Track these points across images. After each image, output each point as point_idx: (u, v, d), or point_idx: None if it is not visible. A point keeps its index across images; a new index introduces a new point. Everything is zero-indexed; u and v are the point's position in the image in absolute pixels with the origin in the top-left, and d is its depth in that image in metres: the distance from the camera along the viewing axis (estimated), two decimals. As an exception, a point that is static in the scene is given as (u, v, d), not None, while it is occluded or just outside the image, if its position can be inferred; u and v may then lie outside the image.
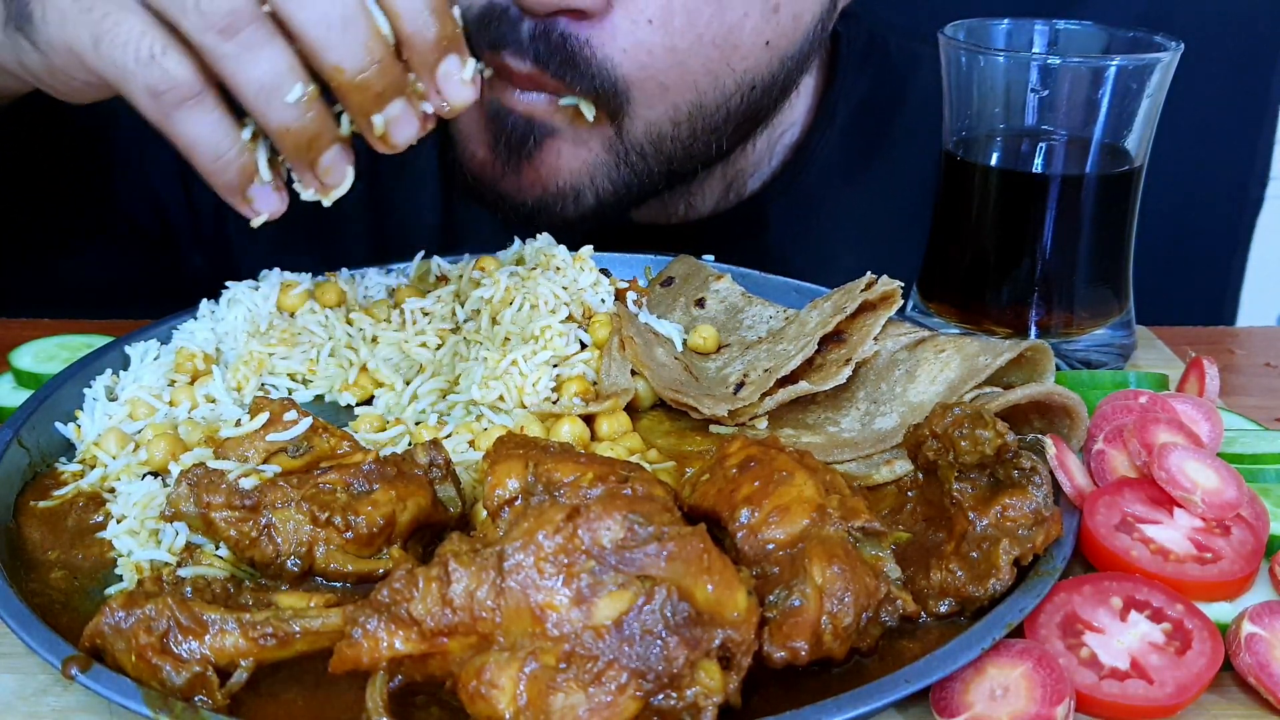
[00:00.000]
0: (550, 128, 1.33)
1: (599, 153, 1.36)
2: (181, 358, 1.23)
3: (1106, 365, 1.37)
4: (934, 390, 1.16)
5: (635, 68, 1.28)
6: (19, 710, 0.89)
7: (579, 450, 0.98)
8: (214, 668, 0.85)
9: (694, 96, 1.34)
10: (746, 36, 1.31)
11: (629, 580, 0.81)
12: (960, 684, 0.88)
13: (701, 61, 1.30)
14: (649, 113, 1.33)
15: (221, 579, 0.92)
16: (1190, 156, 1.77)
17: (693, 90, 1.33)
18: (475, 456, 1.13)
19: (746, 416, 1.19)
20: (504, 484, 0.91)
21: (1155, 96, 1.31)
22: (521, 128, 1.33)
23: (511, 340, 1.24)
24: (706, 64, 1.31)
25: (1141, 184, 1.36)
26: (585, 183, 1.37)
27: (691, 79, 1.31)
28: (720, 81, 1.34)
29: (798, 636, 0.85)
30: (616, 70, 1.28)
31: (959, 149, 1.37)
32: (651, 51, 1.27)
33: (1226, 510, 1.00)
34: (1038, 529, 0.96)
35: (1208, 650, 0.90)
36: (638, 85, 1.30)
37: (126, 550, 1.01)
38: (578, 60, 1.26)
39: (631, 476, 0.90)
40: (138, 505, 1.04)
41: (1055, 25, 1.40)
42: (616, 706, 0.78)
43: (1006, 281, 1.38)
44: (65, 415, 1.17)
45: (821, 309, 1.27)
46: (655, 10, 1.25)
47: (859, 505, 0.95)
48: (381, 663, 0.83)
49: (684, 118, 1.36)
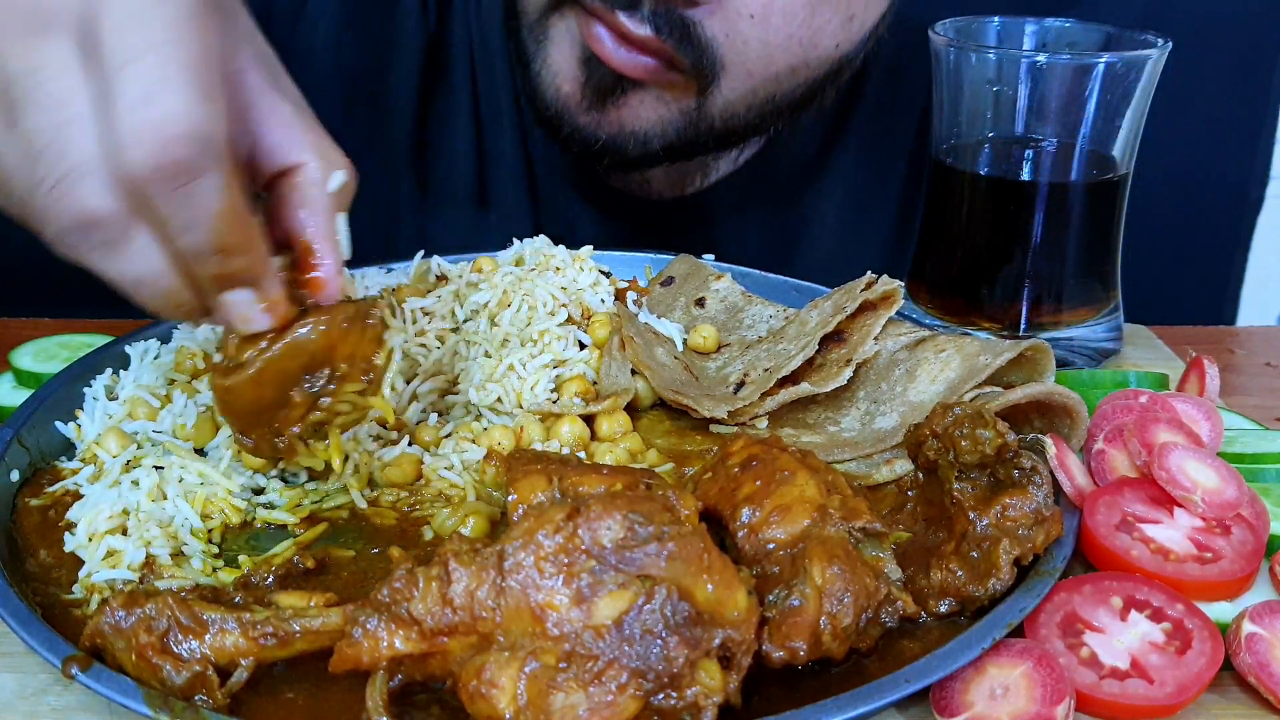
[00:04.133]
0: (640, 82, 1.42)
1: (675, 114, 1.46)
2: (181, 357, 1.22)
3: (1077, 365, 1.38)
4: (934, 390, 1.16)
5: (732, 53, 1.39)
6: (19, 710, 0.89)
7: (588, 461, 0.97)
8: (214, 667, 0.85)
9: (772, 87, 1.45)
10: (825, 40, 1.42)
11: (629, 580, 0.81)
12: (960, 684, 0.88)
13: (786, 58, 1.41)
14: (730, 94, 1.44)
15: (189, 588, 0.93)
16: (1190, 156, 1.78)
17: (773, 82, 1.44)
18: (477, 455, 1.13)
19: (747, 416, 1.19)
20: (529, 500, 0.90)
21: (1143, 96, 1.32)
22: (611, 79, 1.42)
23: (510, 342, 1.25)
24: (789, 60, 1.42)
25: (1128, 190, 1.37)
26: (656, 132, 1.47)
27: (774, 71, 1.42)
28: (795, 76, 1.45)
29: (796, 636, 0.85)
30: (718, 52, 1.38)
31: (948, 155, 1.38)
32: (747, 42, 1.38)
33: (1227, 510, 1.00)
34: (1038, 529, 0.96)
35: (1208, 650, 0.90)
36: (729, 70, 1.41)
37: (85, 573, 0.99)
38: (692, 36, 1.37)
39: (655, 484, 0.90)
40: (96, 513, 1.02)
41: (1045, 24, 1.40)
42: (616, 706, 0.78)
43: (993, 282, 1.39)
44: (65, 415, 1.18)
45: (821, 308, 1.27)
46: (758, 7, 1.36)
47: (860, 506, 0.95)
48: (381, 662, 0.83)
49: (758, 102, 1.47)
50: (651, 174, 1.67)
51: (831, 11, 1.40)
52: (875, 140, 1.74)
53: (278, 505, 1.09)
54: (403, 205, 1.72)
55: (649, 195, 1.71)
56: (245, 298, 0.93)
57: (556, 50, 1.45)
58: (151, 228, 0.87)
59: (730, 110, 1.46)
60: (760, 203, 1.74)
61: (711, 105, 1.44)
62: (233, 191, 0.86)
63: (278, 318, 0.95)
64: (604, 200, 1.71)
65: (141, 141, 0.81)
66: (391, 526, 1.07)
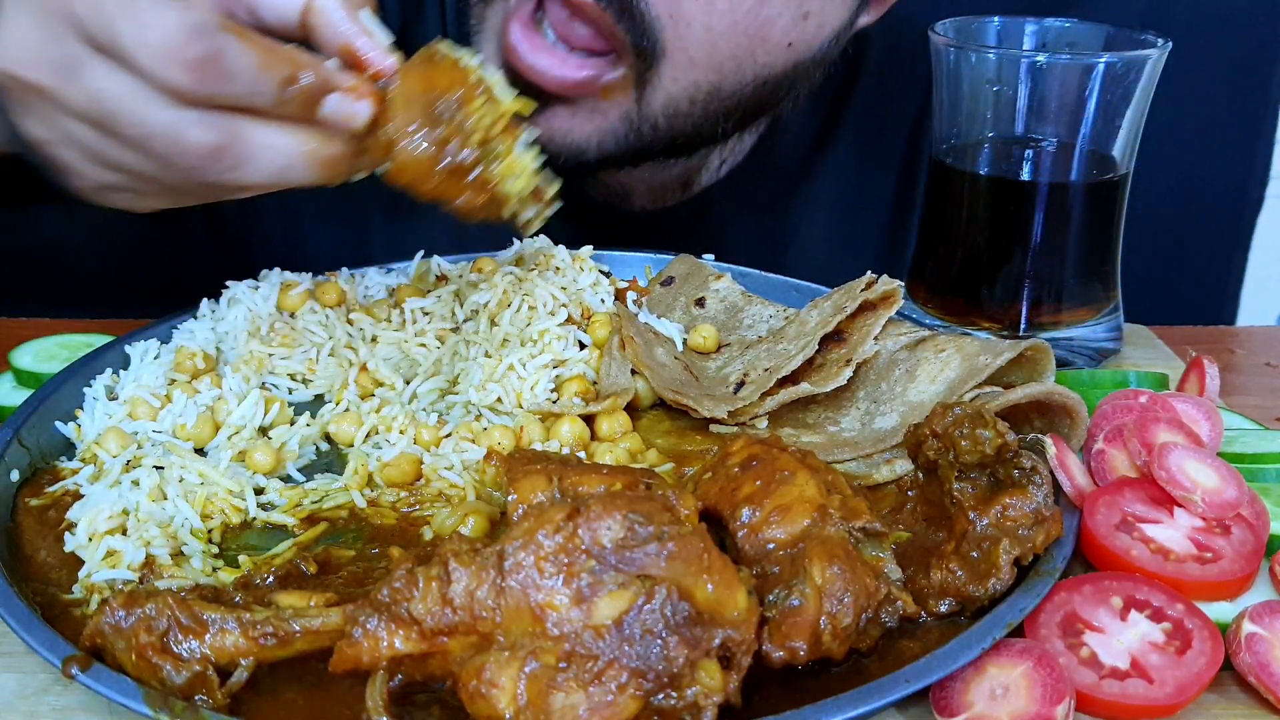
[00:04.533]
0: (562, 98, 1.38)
1: (614, 121, 1.42)
2: (181, 357, 1.23)
3: (1077, 365, 1.38)
4: (934, 390, 1.16)
5: (674, 35, 1.35)
6: (19, 710, 0.89)
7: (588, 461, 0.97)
8: (214, 667, 0.85)
9: (715, 78, 1.40)
10: (775, 34, 1.38)
11: (629, 580, 0.81)
12: (960, 684, 0.88)
13: (730, 46, 1.37)
14: (672, 86, 1.39)
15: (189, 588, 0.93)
16: (1190, 156, 1.78)
17: (716, 72, 1.39)
18: (477, 455, 1.13)
19: (746, 416, 1.19)
20: (529, 500, 0.90)
21: (1143, 96, 1.32)
22: (534, 88, 1.36)
23: (510, 342, 1.25)
24: (734, 50, 1.37)
25: (1128, 190, 1.37)
26: (591, 146, 1.43)
27: (717, 60, 1.38)
28: (741, 69, 1.40)
29: (796, 636, 0.85)
30: (661, 31, 1.34)
31: (948, 155, 1.38)
32: (690, 25, 1.34)
33: (1227, 510, 1.00)
34: (1038, 528, 0.96)
35: (1208, 650, 0.90)
36: (670, 55, 1.36)
37: (85, 573, 0.99)
38: (633, 10, 1.33)
39: (654, 484, 0.90)
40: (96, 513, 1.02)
41: (1045, 24, 1.40)
42: (617, 706, 0.78)
43: (993, 282, 1.39)
44: (65, 415, 1.18)
45: (821, 308, 1.28)
46: None
47: (861, 506, 0.95)
48: (381, 662, 0.83)
49: (701, 96, 1.41)
50: (630, 187, 1.63)
51: (782, 4, 1.35)
52: (867, 143, 1.72)
53: (278, 505, 1.09)
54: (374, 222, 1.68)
55: (630, 208, 1.67)
56: (335, 100, 1.03)
57: (486, 45, 1.41)
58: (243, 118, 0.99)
59: (673, 106, 1.41)
60: (747, 213, 1.71)
61: (652, 101, 1.40)
62: (254, 41, 0.99)
63: (369, 97, 1.05)
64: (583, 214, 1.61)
65: (168, 65, 0.94)
66: (391, 526, 1.07)
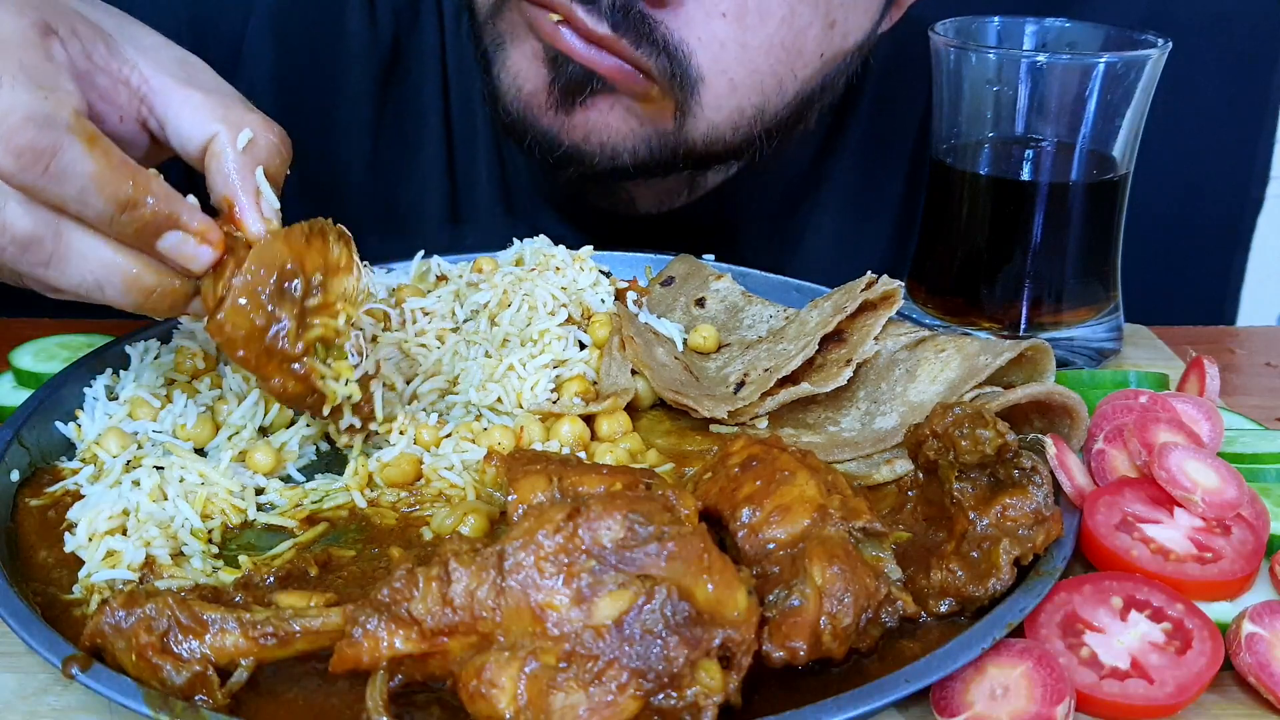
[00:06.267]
0: (611, 84, 1.31)
1: (650, 133, 1.35)
2: (181, 357, 1.22)
3: (1077, 365, 1.38)
4: (934, 390, 1.16)
5: (709, 59, 1.29)
6: (19, 710, 0.89)
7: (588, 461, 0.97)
8: (214, 667, 0.85)
9: (759, 100, 1.35)
10: (809, 45, 1.33)
11: (629, 580, 0.81)
12: (960, 684, 0.88)
13: (770, 63, 1.32)
14: (715, 115, 1.33)
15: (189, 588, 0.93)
16: (1190, 156, 1.77)
17: (759, 93, 1.34)
18: (477, 455, 1.13)
19: (746, 416, 1.19)
20: (529, 500, 0.90)
21: (1143, 96, 1.32)
22: (580, 75, 1.31)
23: (510, 342, 1.25)
24: (774, 66, 1.32)
25: (1128, 190, 1.37)
26: (626, 148, 1.36)
27: (759, 79, 1.32)
28: (783, 87, 1.35)
29: (796, 636, 0.85)
30: (691, 57, 1.28)
31: (948, 155, 1.38)
32: (724, 44, 1.28)
33: (1227, 510, 1.00)
34: (1038, 528, 0.96)
35: (1208, 650, 0.90)
36: (710, 79, 1.30)
37: (85, 573, 0.99)
38: (655, 36, 1.26)
39: (654, 484, 0.90)
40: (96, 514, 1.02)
41: (1045, 24, 1.40)
42: (617, 706, 0.78)
43: (993, 282, 1.39)
44: (65, 415, 1.17)
45: (822, 308, 1.28)
46: (730, 5, 1.26)
47: (861, 506, 0.95)
48: (381, 662, 0.83)
49: (745, 123, 1.36)
50: (635, 189, 1.59)
51: (811, 12, 1.31)
52: (873, 146, 1.70)
53: (278, 505, 1.09)
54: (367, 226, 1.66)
55: (633, 213, 1.63)
56: (176, 238, 1.00)
57: (517, 51, 1.34)
58: (71, 221, 0.96)
59: (715, 134, 1.36)
60: (751, 217, 1.68)
61: (693, 131, 1.34)
62: (101, 152, 0.94)
63: (215, 243, 1.01)
64: (584, 219, 1.62)
65: None
66: (391, 526, 1.07)
